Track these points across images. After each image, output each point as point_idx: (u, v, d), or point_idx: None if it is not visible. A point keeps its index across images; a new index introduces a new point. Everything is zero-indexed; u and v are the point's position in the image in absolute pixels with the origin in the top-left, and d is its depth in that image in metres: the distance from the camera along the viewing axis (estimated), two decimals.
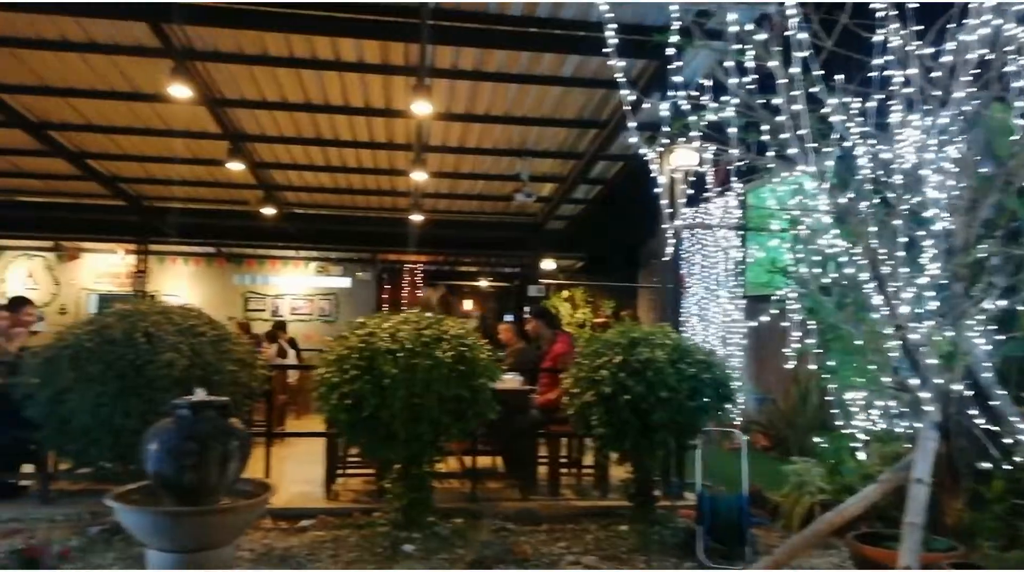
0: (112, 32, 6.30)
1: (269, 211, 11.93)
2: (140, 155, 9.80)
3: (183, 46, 6.43)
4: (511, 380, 5.90)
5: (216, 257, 14.92)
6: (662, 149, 5.06)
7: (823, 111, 3.47)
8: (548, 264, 14.31)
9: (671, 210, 5.69)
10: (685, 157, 5.60)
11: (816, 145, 3.47)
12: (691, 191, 5.71)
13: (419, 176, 9.56)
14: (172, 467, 3.18)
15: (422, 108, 6.93)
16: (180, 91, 6.62)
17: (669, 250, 5.46)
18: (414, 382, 4.57)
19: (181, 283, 14.94)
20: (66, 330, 4.60)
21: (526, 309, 13.98)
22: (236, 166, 9.30)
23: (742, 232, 8.81)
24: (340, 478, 6.10)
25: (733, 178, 6.76)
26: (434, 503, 5.05)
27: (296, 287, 15.45)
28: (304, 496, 5.58)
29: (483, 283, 18.25)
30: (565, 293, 14.90)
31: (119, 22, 6.06)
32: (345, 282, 15.64)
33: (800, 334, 4.97)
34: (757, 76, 4.42)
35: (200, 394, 3.40)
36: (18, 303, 6.31)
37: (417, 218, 12.12)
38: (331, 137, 8.94)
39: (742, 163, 5.38)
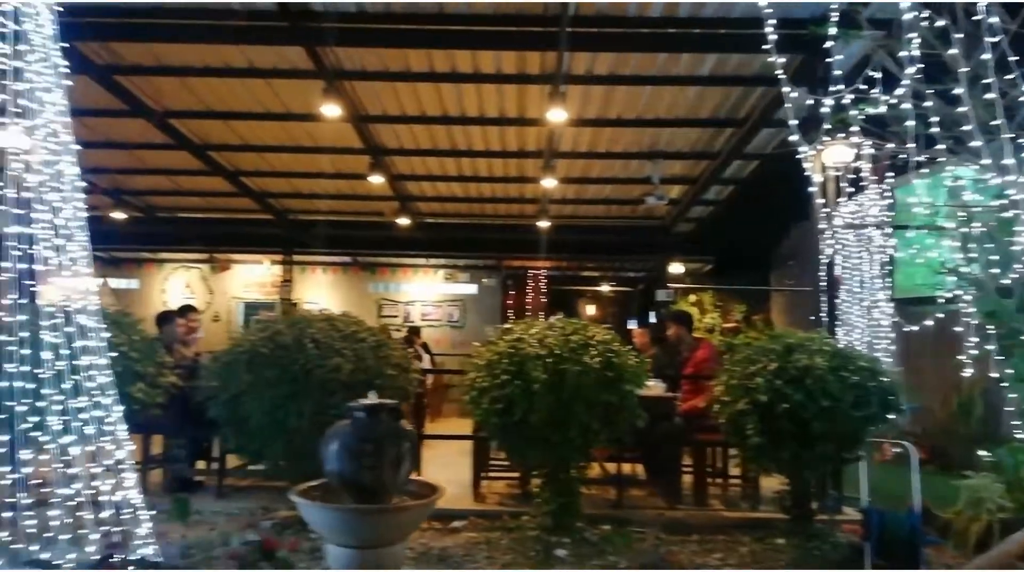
0: (271, 57, 6.75)
1: (403, 221, 12.41)
2: (288, 171, 10.43)
3: (334, 67, 6.78)
4: (655, 386, 5.82)
5: (352, 266, 15.64)
6: (821, 147, 4.87)
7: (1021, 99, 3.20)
8: (675, 267, 14.02)
9: (827, 209, 5.47)
10: (840, 153, 5.34)
11: (1012, 135, 3.21)
12: (850, 189, 5.45)
13: (548, 183, 9.64)
14: (351, 466, 3.34)
15: (557, 115, 7.00)
16: (331, 110, 7.00)
17: (828, 251, 5.24)
18: (563, 387, 4.61)
19: (320, 291, 15.76)
20: (241, 336, 4.96)
21: (652, 313, 13.78)
22: (376, 179, 9.72)
23: (893, 230, 8.29)
24: (484, 480, 6.23)
25: (889, 173, 6.40)
26: (581, 509, 5.07)
27: (426, 294, 15.94)
28: (454, 497, 5.72)
29: (605, 288, 18.15)
30: (692, 297, 14.54)
31: (279, 48, 6.49)
32: (472, 289, 15.98)
33: (976, 339, 4.63)
34: (923, 65, 4.17)
35: (372, 397, 3.56)
36: (185, 310, 6.87)
37: (543, 224, 12.22)
38: (465, 147, 9.17)
39: (902, 157, 5.07)
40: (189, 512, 4.33)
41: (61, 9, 3.41)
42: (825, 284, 5.94)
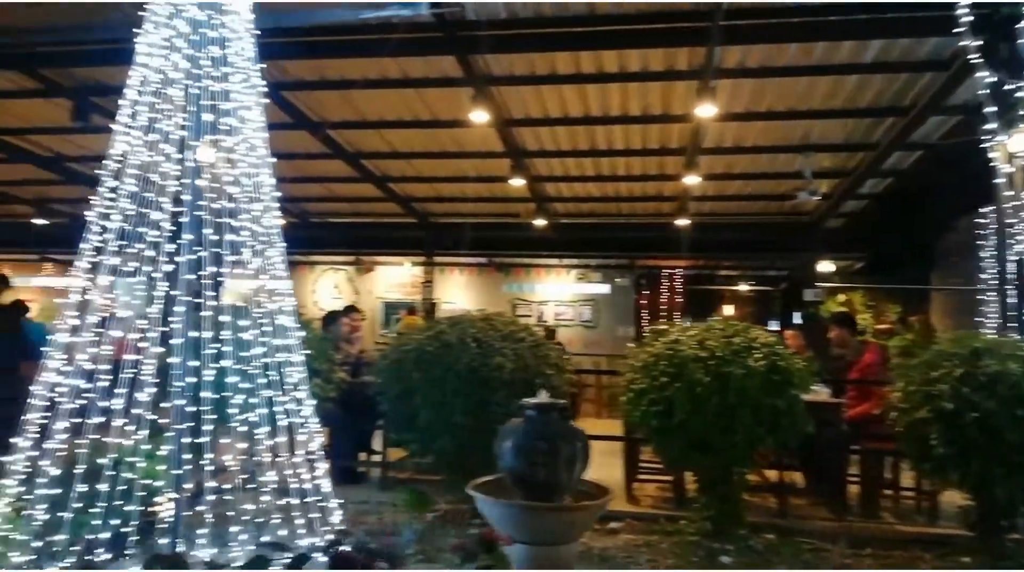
0: (423, 68, 7.01)
1: (538, 222, 12.55)
2: (432, 176, 10.81)
3: (483, 73, 6.96)
4: (820, 391, 5.57)
5: (487, 267, 15.98)
6: (1011, 134, 4.50)
7: None
8: (823, 265, 13.31)
9: (1018, 201, 5.02)
10: None
11: None
12: None
13: (691, 180, 9.45)
14: (525, 464, 3.42)
15: (706, 111, 6.85)
16: (478, 116, 7.19)
17: (1019, 246, 4.81)
18: (726, 391, 4.50)
19: (457, 292, 16.22)
20: (406, 335, 5.19)
21: (796, 314, 13.15)
22: (517, 182, 9.89)
23: None
24: (635, 482, 6.18)
25: None
26: (743, 516, 4.93)
27: (559, 293, 16.04)
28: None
29: (743, 287, 17.54)
30: (841, 296, 13.76)
31: (431, 58, 6.73)
32: (604, 288, 15.93)
33: None
34: None
35: (543, 396, 3.62)
36: (350, 310, 7.26)
37: (681, 222, 11.99)
38: (605, 147, 9.15)
39: None
40: (427, 503, 4.43)
41: (259, 33, 3.70)
42: (1017, 282, 5.44)
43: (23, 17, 5.70)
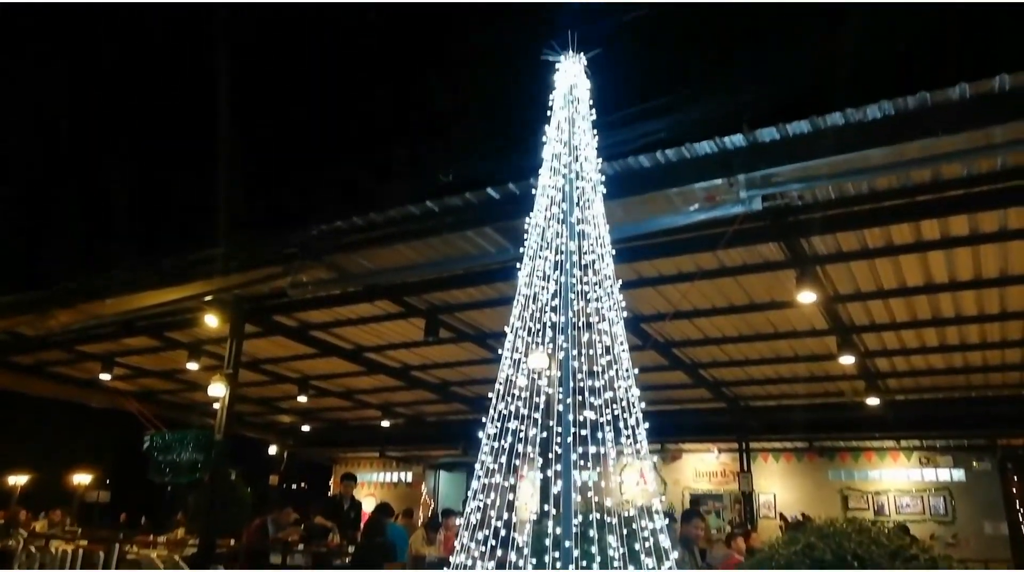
0: (743, 255, 6.94)
1: (868, 401, 11.29)
2: (744, 360, 10.38)
3: (808, 254, 6.70)
4: None
5: (807, 452, 14.58)
6: None
7: None
8: None
9: None
10: None
11: None
12: None
13: None
14: None
15: None
16: (806, 297, 6.85)
17: None
18: None
19: (773, 480, 14.89)
20: (770, 548, 4.68)
21: None
22: (846, 359, 9.09)
23: None
24: None
25: None
26: None
27: (899, 482, 13.92)
28: None
29: None
30: None
31: (751, 247, 6.66)
32: (958, 474, 13.53)
33: None
34: None
35: None
36: (690, 516, 6.86)
37: None
38: (951, 315, 8.10)
39: None
40: None
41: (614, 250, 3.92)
42: None
43: (401, 259, 6.82)
